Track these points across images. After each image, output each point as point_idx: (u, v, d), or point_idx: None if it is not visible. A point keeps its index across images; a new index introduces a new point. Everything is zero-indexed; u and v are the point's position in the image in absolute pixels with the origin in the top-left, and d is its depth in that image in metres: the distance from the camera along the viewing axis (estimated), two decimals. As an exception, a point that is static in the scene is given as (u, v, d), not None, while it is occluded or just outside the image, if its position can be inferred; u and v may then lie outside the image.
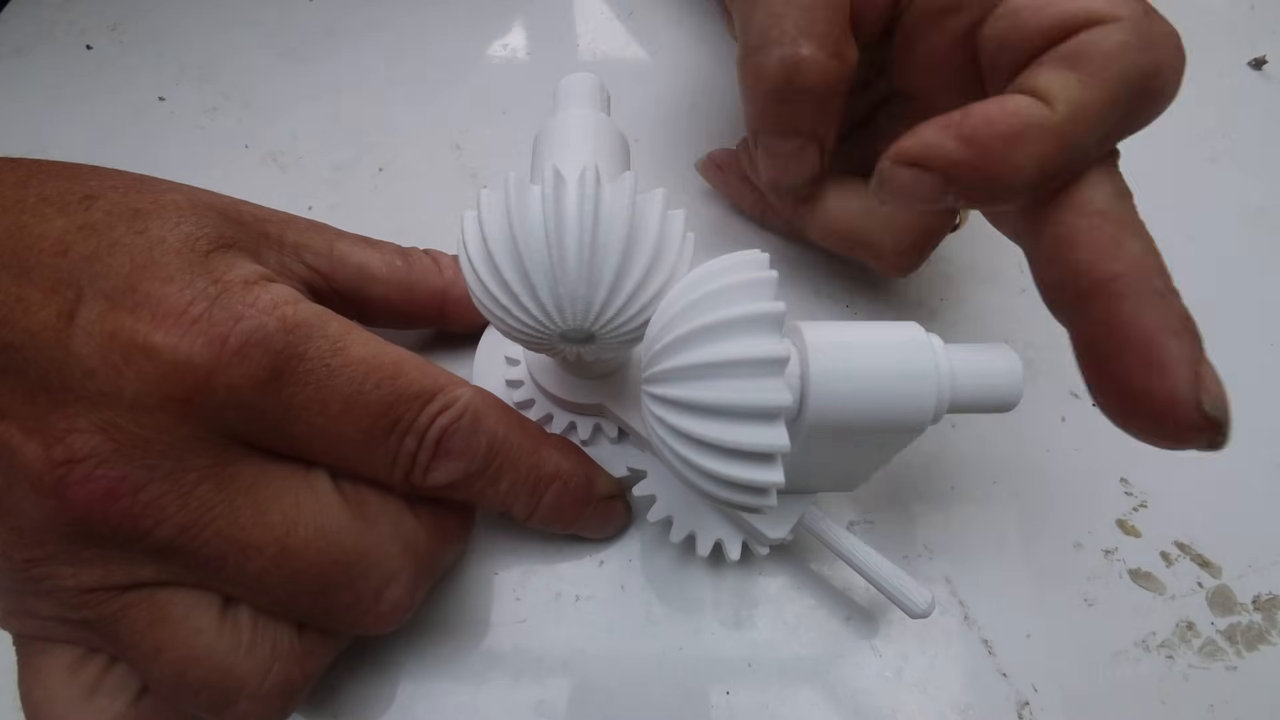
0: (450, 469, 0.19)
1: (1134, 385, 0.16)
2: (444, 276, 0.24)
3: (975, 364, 0.17)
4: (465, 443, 0.19)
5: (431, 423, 0.18)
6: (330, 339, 0.18)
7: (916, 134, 0.17)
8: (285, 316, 0.17)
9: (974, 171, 0.17)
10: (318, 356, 0.17)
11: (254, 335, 0.16)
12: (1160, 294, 0.17)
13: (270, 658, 0.18)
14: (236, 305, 0.17)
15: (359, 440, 0.18)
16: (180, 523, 0.16)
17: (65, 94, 0.33)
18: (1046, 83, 0.17)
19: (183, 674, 0.17)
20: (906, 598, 0.20)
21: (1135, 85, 0.17)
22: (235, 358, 0.16)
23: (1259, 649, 0.22)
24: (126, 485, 0.16)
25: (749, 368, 0.15)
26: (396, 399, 0.18)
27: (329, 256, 0.22)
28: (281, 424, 0.17)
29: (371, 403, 0.18)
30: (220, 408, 0.16)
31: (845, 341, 0.17)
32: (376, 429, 0.18)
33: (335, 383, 0.17)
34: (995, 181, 0.17)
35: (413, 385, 0.18)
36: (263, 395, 0.17)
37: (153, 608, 0.17)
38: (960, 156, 0.17)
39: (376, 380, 0.18)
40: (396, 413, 0.18)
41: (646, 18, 0.36)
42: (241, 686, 0.17)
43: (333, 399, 0.17)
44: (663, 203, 0.18)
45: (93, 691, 0.18)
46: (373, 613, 0.18)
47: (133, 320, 0.16)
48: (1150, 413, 0.16)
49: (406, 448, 0.18)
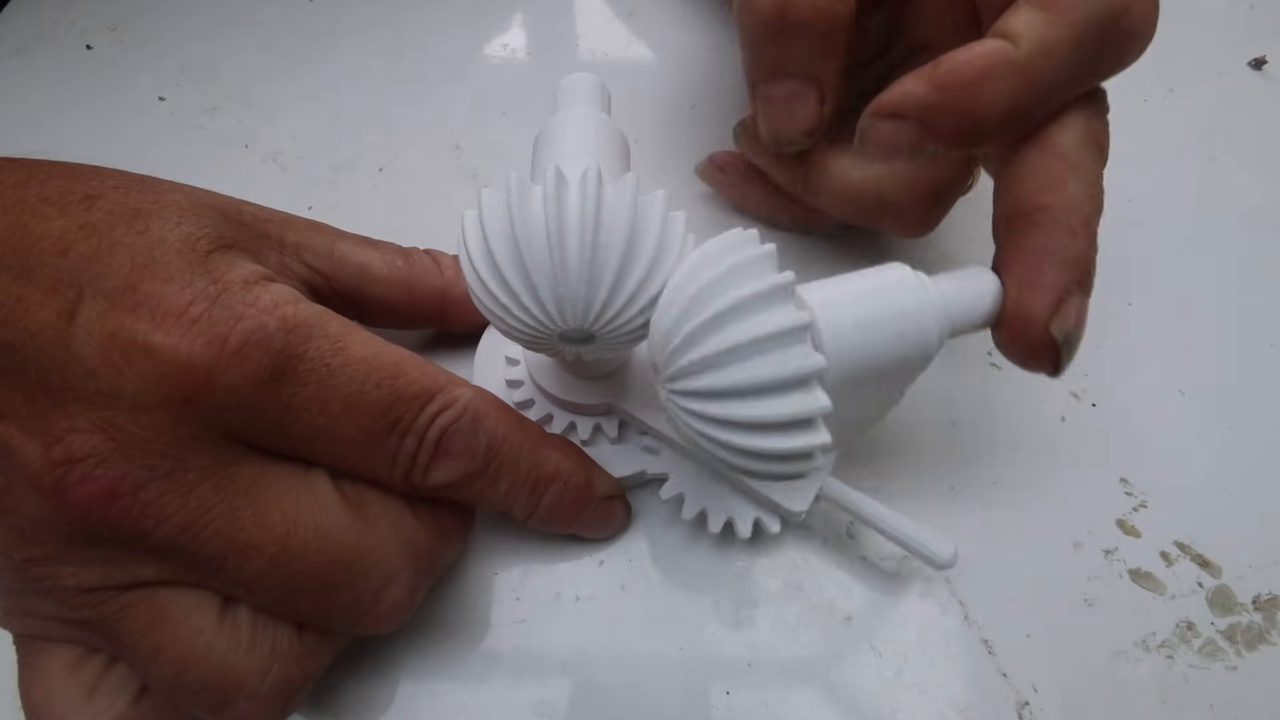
0: (450, 469, 0.19)
1: (1009, 301, 0.18)
2: (444, 276, 0.24)
3: (961, 288, 0.18)
4: (465, 443, 0.19)
5: (431, 422, 0.18)
6: (331, 339, 0.17)
7: (893, 87, 0.18)
8: (285, 316, 0.17)
9: (947, 114, 0.18)
10: (318, 356, 0.17)
11: (254, 335, 0.16)
12: (1073, 232, 0.18)
13: (269, 658, 0.18)
14: (237, 305, 0.17)
15: (359, 440, 0.18)
16: (180, 522, 0.16)
17: (65, 94, 0.33)
18: (1015, 23, 0.18)
19: (182, 674, 0.17)
20: (931, 550, 0.21)
21: (1104, 24, 0.18)
22: (235, 358, 0.16)
23: (1259, 649, 0.22)
24: (126, 485, 0.16)
25: (775, 340, 0.16)
26: (397, 399, 0.18)
27: (329, 256, 0.22)
28: (281, 424, 0.17)
29: (372, 403, 0.18)
30: (220, 408, 0.16)
31: (845, 294, 0.18)
32: (377, 429, 0.18)
33: (335, 383, 0.17)
34: (969, 122, 0.18)
35: (413, 385, 0.18)
36: (263, 395, 0.17)
37: (152, 608, 0.17)
38: (933, 100, 0.18)
39: (377, 380, 0.18)
40: (396, 413, 0.18)
41: (647, 18, 0.36)
42: (240, 687, 0.17)
43: (333, 399, 0.17)
44: (664, 204, 0.18)
45: (93, 691, 0.18)
46: (372, 613, 0.18)
47: (133, 320, 0.16)
48: (1011, 326, 0.18)
49: (406, 448, 0.18)
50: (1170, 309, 0.28)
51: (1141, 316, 0.28)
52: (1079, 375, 0.27)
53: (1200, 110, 0.33)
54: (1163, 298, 0.29)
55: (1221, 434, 0.26)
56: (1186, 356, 0.27)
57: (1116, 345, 0.27)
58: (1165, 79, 0.34)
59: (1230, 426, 0.26)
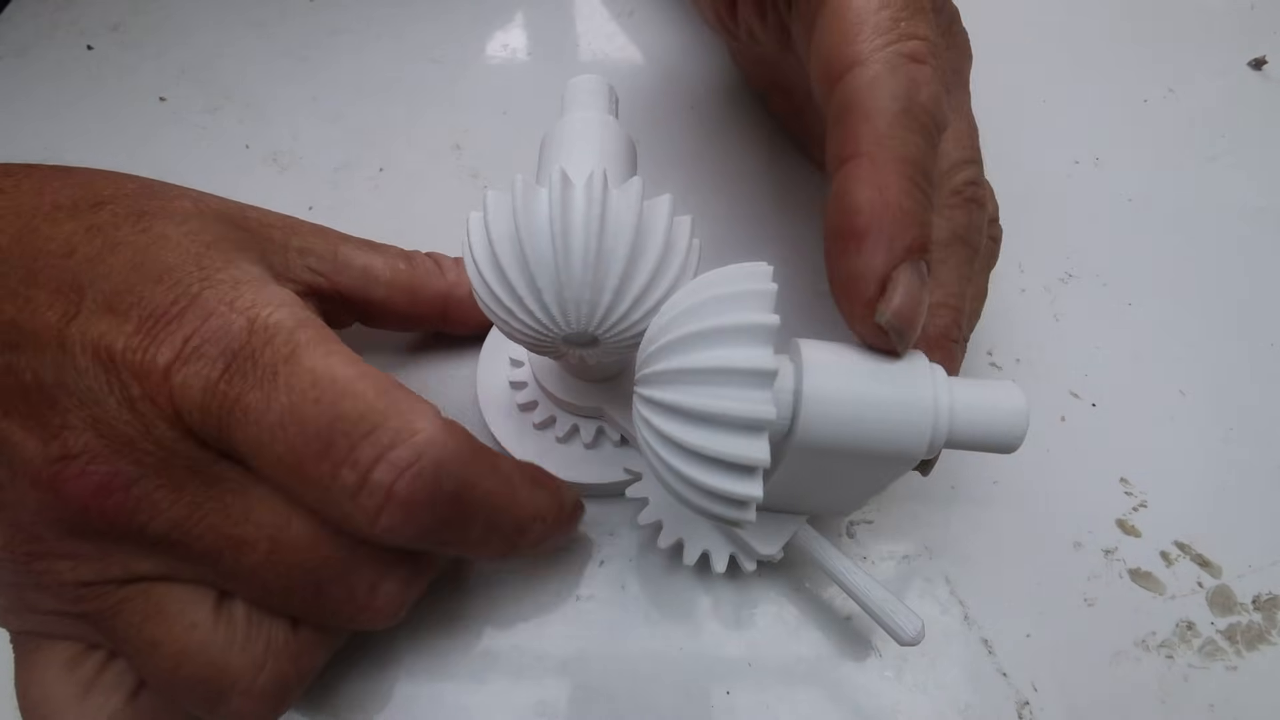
0: (406, 523, 0.16)
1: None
2: (447, 280, 0.24)
3: (977, 400, 0.17)
4: (427, 492, 0.16)
5: (379, 458, 0.16)
6: (290, 345, 0.16)
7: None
8: (255, 318, 0.17)
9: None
10: (269, 362, 0.16)
11: (215, 334, 0.16)
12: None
13: (264, 654, 0.18)
14: (212, 301, 0.17)
15: (290, 462, 0.16)
16: (174, 517, 0.16)
17: (66, 94, 0.33)
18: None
19: (177, 669, 0.17)
20: (897, 624, 0.20)
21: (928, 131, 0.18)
22: (193, 356, 0.16)
23: (1259, 649, 0.22)
24: (119, 480, 0.16)
25: (737, 377, 0.15)
26: (336, 419, 0.16)
27: (333, 260, 0.22)
28: (228, 429, 0.16)
29: (307, 419, 0.16)
30: (180, 410, 0.16)
31: (843, 363, 0.17)
32: (308, 452, 0.16)
33: (275, 391, 0.16)
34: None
35: (358, 407, 0.16)
36: (210, 397, 0.16)
37: (149, 602, 0.17)
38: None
39: (317, 395, 0.16)
40: (332, 435, 0.16)
41: (647, 18, 0.36)
42: (234, 683, 0.17)
43: (271, 409, 0.16)
44: (669, 208, 0.18)
45: (89, 688, 0.18)
46: (368, 609, 0.18)
47: (120, 323, 0.16)
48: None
49: (343, 481, 0.16)
50: (1170, 309, 0.28)
51: (1141, 316, 0.28)
52: (1079, 375, 0.27)
53: (1200, 110, 0.33)
54: (1163, 298, 0.29)
55: (1221, 434, 0.26)
56: (1186, 356, 0.27)
57: (1116, 345, 0.27)
58: (1165, 79, 0.34)
59: (1230, 426, 0.26)
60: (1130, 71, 0.35)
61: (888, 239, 0.16)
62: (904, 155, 0.16)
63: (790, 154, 0.32)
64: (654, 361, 0.16)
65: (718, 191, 0.30)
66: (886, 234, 0.16)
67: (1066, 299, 0.28)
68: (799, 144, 0.31)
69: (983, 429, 0.17)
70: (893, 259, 0.16)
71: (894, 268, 0.16)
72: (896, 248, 0.16)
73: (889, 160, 0.16)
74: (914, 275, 0.16)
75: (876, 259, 0.16)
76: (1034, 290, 0.29)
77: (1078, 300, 0.28)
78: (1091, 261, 0.29)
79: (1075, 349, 0.27)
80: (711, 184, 0.31)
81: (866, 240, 0.16)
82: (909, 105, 0.17)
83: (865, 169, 0.16)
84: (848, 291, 0.17)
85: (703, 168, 0.31)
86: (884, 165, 0.16)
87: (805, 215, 0.30)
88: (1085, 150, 0.32)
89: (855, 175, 0.16)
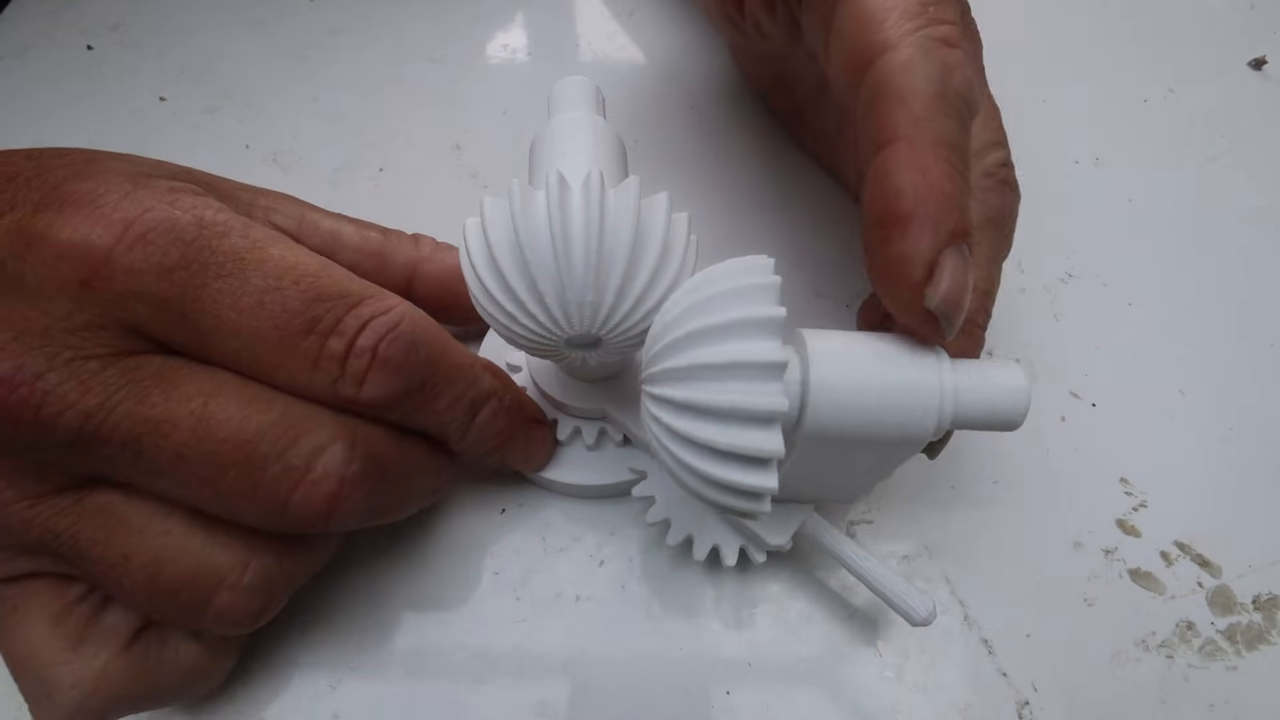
0: (389, 382, 0.17)
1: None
2: (419, 250, 0.24)
3: (980, 381, 0.17)
4: (406, 353, 0.17)
5: (363, 326, 0.17)
6: (249, 239, 0.17)
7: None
8: (202, 215, 0.17)
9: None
10: (231, 252, 0.16)
11: (162, 224, 0.16)
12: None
13: (247, 551, 0.17)
14: (149, 199, 0.16)
15: (273, 338, 0.16)
16: (84, 409, 0.15)
17: (66, 94, 0.33)
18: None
19: (156, 575, 0.16)
20: (908, 605, 0.20)
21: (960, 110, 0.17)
22: (139, 242, 0.16)
23: (1259, 649, 0.22)
24: (24, 374, 0.15)
25: (747, 371, 0.15)
26: (319, 295, 0.17)
27: (299, 220, 0.22)
28: (188, 316, 0.16)
29: (289, 298, 0.16)
30: (122, 294, 0.16)
31: (848, 351, 0.17)
32: (293, 327, 0.17)
33: (247, 276, 0.16)
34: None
35: (338, 285, 0.17)
36: (167, 284, 0.16)
37: (110, 518, 0.17)
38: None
39: (295, 277, 0.17)
40: (316, 311, 0.17)
41: (646, 18, 0.36)
42: (222, 579, 0.17)
43: (245, 292, 0.16)
44: (667, 206, 0.18)
45: (79, 641, 0.17)
46: (305, 483, 0.17)
47: (45, 215, 0.16)
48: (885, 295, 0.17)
49: (330, 349, 0.17)
50: (1170, 309, 0.28)
51: (1141, 316, 0.28)
52: (1079, 375, 0.27)
53: (1200, 110, 0.33)
54: (1163, 298, 0.29)
55: (1221, 434, 0.26)
56: (1186, 356, 0.27)
57: (1116, 345, 0.27)
58: (1165, 79, 0.34)
59: (1230, 426, 0.26)
60: (1130, 71, 0.35)
61: (933, 222, 0.16)
62: (942, 138, 0.16)
63: (791, 153, 0.32)
64: (661, 359, 0.16)
65: (718, 191, 0.30)
66: (932, 217, 0.16)
67: (1066, 299, 0.28)
68: (800, 143, 0.31)
69: (986, 408, 0.17)
70: (939, 242, 0.16)
71: (940, 251, 0.16)
72: (942, 231, 0.16)
73: (928, 143, 0.16)
74: (959, 259, 0.16)
75: (923, 243, 0.16)
76: (1034, 290, 0.29)
77: (1078, 300, 0.28)
78: (1091, 261, 0.29)
79: (1075, 349, 0.27)
80: (712, 184, 0.31)
81: (912, 224, 0.16)
82: (944, 89, 0.17)
83: (905, 153, 0.16)
84: (893, 277, 0.16)
85: (703, 168, 0.31)
86: (923, 148, 0.16)
87: (806, 215, 0.30)
88: (1085, 150, 0.32)
89: (895, 159, 0.16)
